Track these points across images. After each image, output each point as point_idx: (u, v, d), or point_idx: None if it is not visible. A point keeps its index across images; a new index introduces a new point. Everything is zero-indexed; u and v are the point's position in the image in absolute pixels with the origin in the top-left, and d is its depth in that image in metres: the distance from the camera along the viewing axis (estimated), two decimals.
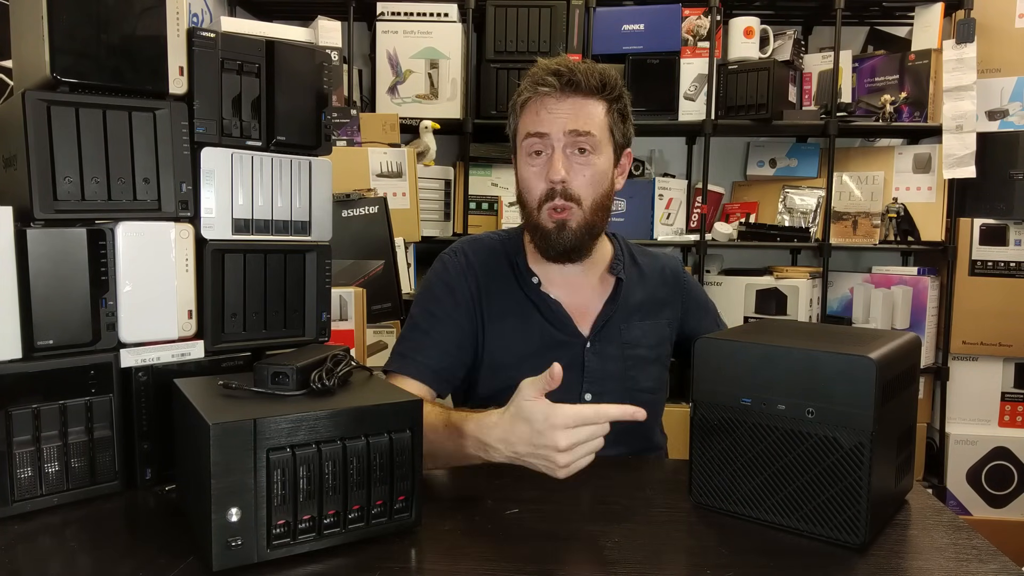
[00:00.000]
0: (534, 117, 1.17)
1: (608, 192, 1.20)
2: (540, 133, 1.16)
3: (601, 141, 1.17)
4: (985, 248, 2.40)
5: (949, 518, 0.91)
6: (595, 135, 1.15)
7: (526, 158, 1.19)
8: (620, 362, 1.22)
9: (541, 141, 1.16)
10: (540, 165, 1.17)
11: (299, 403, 0.79)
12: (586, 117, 1.15)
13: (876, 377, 0.78)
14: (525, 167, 1.20)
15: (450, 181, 2.53)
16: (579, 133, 1.14)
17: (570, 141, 1.15)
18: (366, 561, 0.76)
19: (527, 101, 1.19)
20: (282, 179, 1.02)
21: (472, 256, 1.26)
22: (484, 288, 1.23)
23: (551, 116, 1.15)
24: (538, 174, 1.17)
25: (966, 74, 2.33)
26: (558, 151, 1.15)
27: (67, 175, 0.86)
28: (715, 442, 0.89)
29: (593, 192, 1.17)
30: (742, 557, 0.79)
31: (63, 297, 0.87)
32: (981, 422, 2.46)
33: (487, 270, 1.25)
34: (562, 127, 1.14)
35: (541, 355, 1.16)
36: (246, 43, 0.97)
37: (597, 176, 1.17)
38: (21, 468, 0.85)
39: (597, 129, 1.16)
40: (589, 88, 1.15)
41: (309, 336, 1.06)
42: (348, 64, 2.40)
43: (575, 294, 1.24)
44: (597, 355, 1.21)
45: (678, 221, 2.58)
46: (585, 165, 1.16)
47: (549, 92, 1.15)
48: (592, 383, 1.20)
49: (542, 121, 1.16)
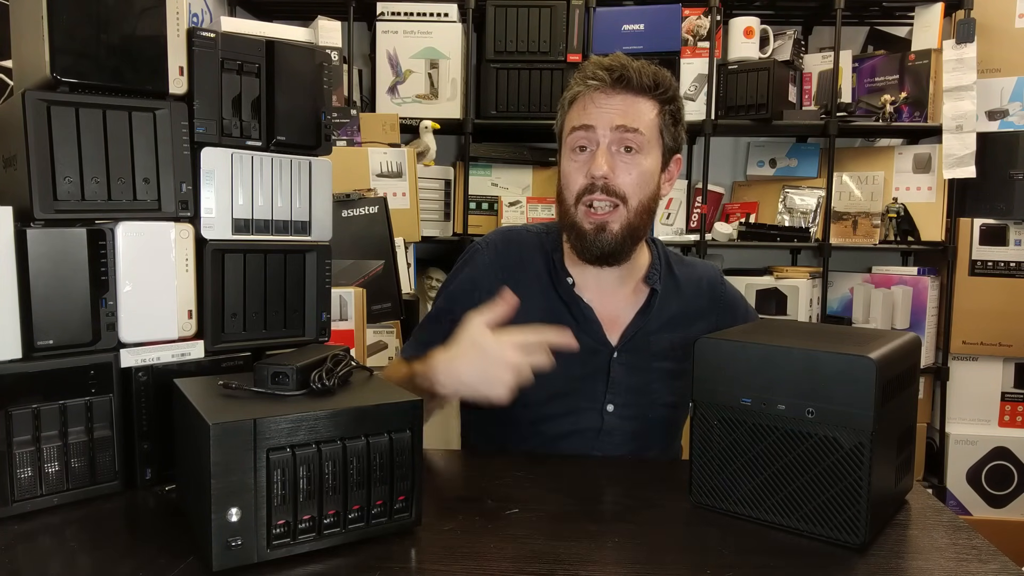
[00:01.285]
0: (581, 111, 1.13)
1: (654, 195, 1.15)
2: (586, 126, 1.11)
3: (650, 141, 1.12)
4: (985, 248, 2.40)
5: (949, 518, 0.91)
6: (644, 134, 1.11)
7: (570, 153, 1.15)
8: (645, 374, 1.19)
9: (587, 135, 1.12)
10: (583, 160, 1.13)
11: (299, 403, 0.79)
12: (635, 114, 1.11)
13: (876, 377, 0.78)
14: (568, 161, 1.15)
15: (450, 181, 2.53)
16: (627, 129, 1.10)
17: (616, 138, 1.10)
18: (366, 561, 0.76)
19: (576, 96, 1.15)
20: (282, 179, 1.02)
21: (503, 250, 1.23)
22: (513, 284, 1.15)
23: (599, 110, 1.11)
24: (579, 168, 1.13)
25: (966, 74, 2.33)
26: (603, 146, 1.11)
27: (67, 175, 0.86)
28: (715, 442, 0.89)
29: (639, 192, 1.12)
30: (742, 557, 0.79)
31: (63, 297, 0.87)
32: (981, 422, 2.46)
33: (520, 265, 1.21)
34: (609, 122, 1.10)
35: (567, 358, 1.06)
36: (246, 43, 0.97)
37: (644, 176, 1.12)
38: (21, 468, 0.85)
39: (646, 128, 1.11)
40: (641, 86, 1.11)
41: (309, 336, 1.06)
42: (348, 64, 2.40)
43: (608, 301, 1.20)
44: (623, 366, 1.18)
45: (678, 221, 2.58)
46: (631, 164, 1.11)
47: (599, 86, 1.11)
48: (615, 394, 1.18)
49: (589, 115, 1.11)
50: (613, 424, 1.18)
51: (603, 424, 1.18)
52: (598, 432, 1.18)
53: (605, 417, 1.18)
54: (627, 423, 1.18)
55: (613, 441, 1.18)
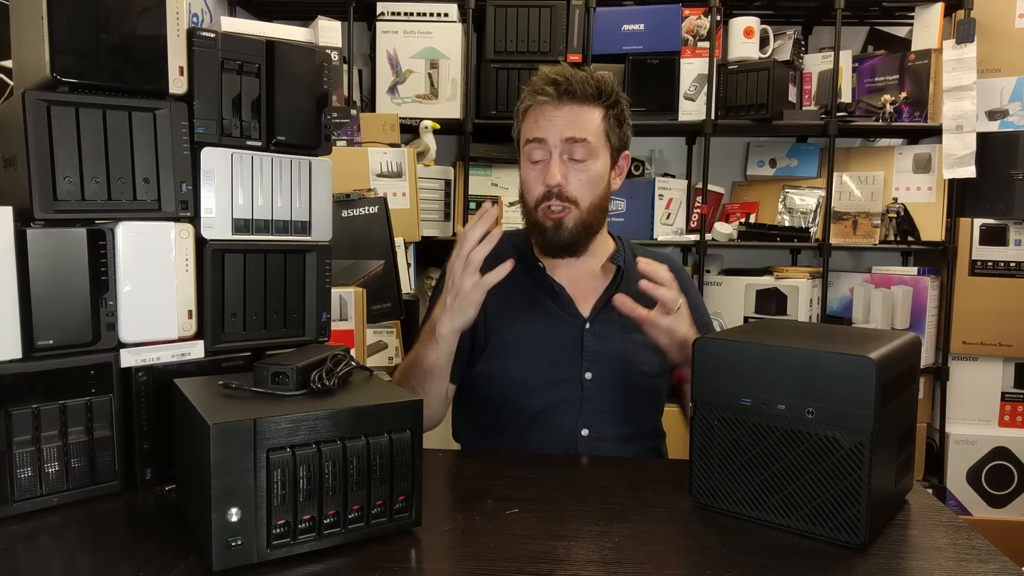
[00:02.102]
0: (533, 124, 1.25)
1: (604, 194, 1.27)
2: (539, 139, 1.23)
3: (597, 147, 1.23)
4: (985, 248, 2.40)
5: (949, 518, 0.91)
6: (591, 141, 1.22)
7: (527, 163, 1.27)
8: (619, 344, 1.26)
9: (540, 147, 1.24)
10: (539, 169, 1.24)
11: (299, 403, 0.79)
12: (582, 124, 1.22)
13: (876, 377, 0.78)
14: (526, 170, 1.27)
15: (450, 181, 2.53)
16: (575, 140, 1.21)
17: (566, 148, 1.22)
18: (366, 561, 0.76)
19: (528, 109, 1.27)
20: (282, 179, 1.02)
21: None
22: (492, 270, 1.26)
23: (548, 123, 1.22)
24: (537, 178, 1.25)
25: (966, 74, 2.33)
26: (555, 157, 1.22)
27: (67, 175, 0.86)
28: (715, 442, 0.89)
29: (590, 194, 1.24)
30: (742, 557, 0.79)
31: (63, 297, 0.87)
32: (981, 422, 2.46)
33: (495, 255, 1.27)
34: (559, 134, 1.21)
35: (545, 334, 1.25)
36: (246, 43, 0.97)
37: (593, 179, 1.24)
38: (21, 468, 0.85)
39: (592, 135, 1.22)
40: (585, 95, 1.22)
41: (309, 336, 1.06)
42: (348, 64, 2.40)
43: (578, 281, 1.31)
44: (596, 336, 1.26)
45: (678, 221, 2.58)
46: (581, 170, 1.23)
47: (547, 100, 1.23)
48: (591, 362, 1.25)
49: (540, 128, 1.23)
50: (593, 392, 1.24)
51: (583, 392, 1.24)
52: (580, 401, 1.24)
53: (584, 385, 1.24)
54: (606, 390, 1.25)
55: (596, 409, 1.24)
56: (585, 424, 1.23)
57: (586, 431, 1.23)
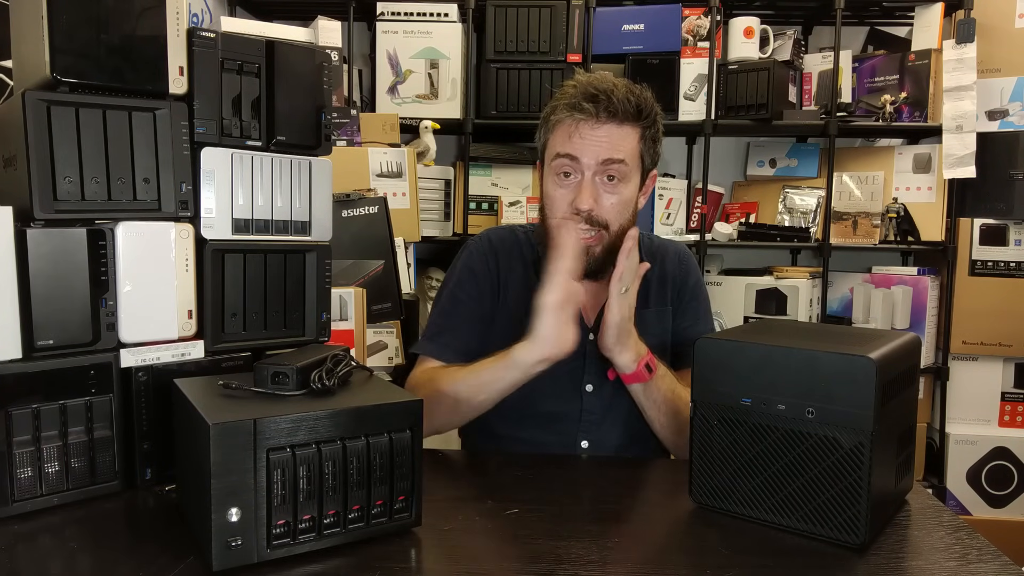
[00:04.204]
0: (566, 140, 1.15)
1: (633, 216, 1.20)
2: (572, 156, 1.15)
3: (631, 169, 1.16)
4: (985, 248, 2.40)
5: (949, 518, 0.91)
6: (627, 164, 1.15)
7: (554, 176, 1.18)
8: None
9: (572, 164, 1.15)
10: (568, 188, 1.16)
11: (299, 403, 0.79)
12: (620, 145, 1.14)
13: (876, 377, 0.78)
14: (553, 185, 1.19)
15: (450, 181, 2.53)
16: (612, 161, 1.14)
17: (600, 169, 1.14)
18: (366, 561, 0.76)
19: (561, 121, 1.17)
20: (282, 179, 1.02)
21: (495, 241, 1.30)
22: (504, 270, 1.26)
23: (584, 143, 1.14)
24: (564, 196, 1.17)
25: (966, 74, 2.33)
26: (587, 178, 1.14)
27: (67, 175, 0.86)
28: (715, 442, 0.89)
29: (620, 217, 1.17)
30: (742, 557, 0.79)
31: (63, 297, 0.87)
32: (981, 422, 2.46)
33: (507, 255, 1.28)
34: (596, 155, 1.13)
35: None
36: (246, 43, 0.97)
37: (624, 203, 1.17)
38: (21, 468, 0.85)
39: (629, 157, 1.15)
40: (626, 114, 1.14)
41: (309, 336, 1.06)
42: (348, 64, 2.40)
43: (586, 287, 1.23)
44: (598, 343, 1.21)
45: (678, 221, 2.58)
46: (613, 193, 1.16)
47: (584, 118, 1.14)
48: (591, 374, 1.21)
49: (575, 146, 1.14)
50: (592, 403, 1.22)
51: (583, 404, 1.22)
52: (580, 412, 1.21)
53: (584, 397, 1.22)
54: (606, 401, 1.21)
55: (596, 420, 1.21)
56: (585, 436, 1.21)
57: (586, 443, 1.21)
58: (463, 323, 1.25)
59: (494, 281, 1.26)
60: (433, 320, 1.28)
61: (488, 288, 1.26)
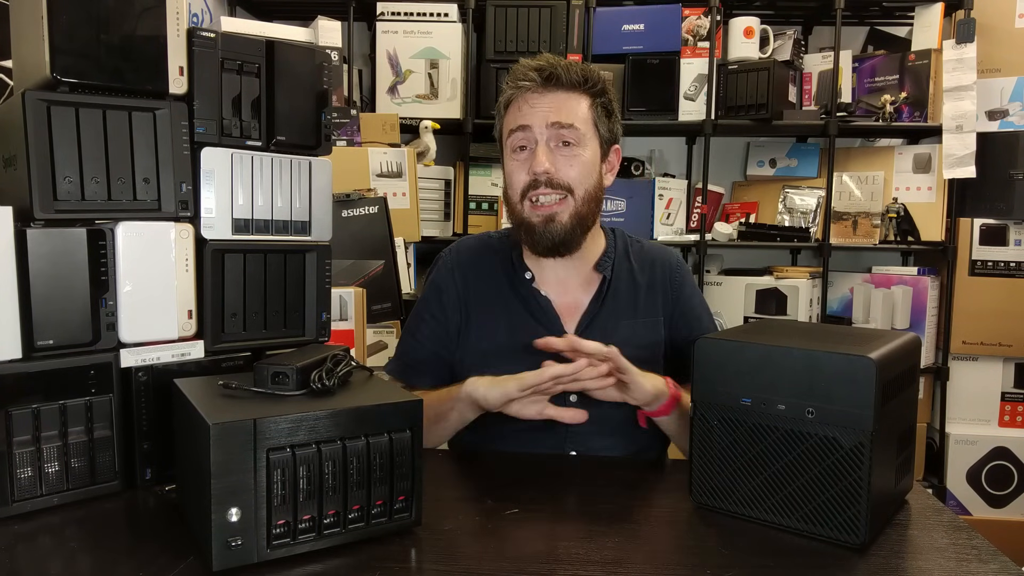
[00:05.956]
0: (516, 113, 1.17)
1: (598, 184, 1.19)
2: (523, 126, 1.16)
3: (586, 135, 1.16)
4: (985, 248, 2.40)
5: (949, 518, 0.91)
6: (579, 128, 1.15)
7: (511, 154, 1.19)
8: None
9: (524, 135, 1.16)
10: (524, 159, 1.17)
11: (299, 403, 0.79)
12: (569, 110, 1.15)
13: (876, 377, 0.78)
14: (510, 162, 1.19)
15: (450, 181, 2.53)
16: (562, 125, 1.14)
17: (553, 134, 1.14)
18: (366, 561, 0.76)
19: (510, 99, 1.19)
20: (282, 179, 1.02)
21: (464, 253, 1.29)
22: (472, 283, 1.25)
23: (532, 110, 1.15)
24: (521, 166, 1.17)
25: (966, 74, 2.33)
26: (541, 144, 1.15)
27: (67, 175, 0.86)
28: (715, 442, 0.89)
29: (584, 182, 1.16)
30: (742, 557, 0.79)
31: (63, 297, 0.87)
32: (981, 422, 2.46)
33: (477, 266, 1.26)
34: (544, 119, 1.14)
35: (527, 351, 1.11)
36: (246, 43, 0.97)
37: (586, 167, 1.16)
38: (21, 468, 0.85)
39: (581, 122, 1.15)
40: (571, 82, 1.15)
41: (309, 336, 1.06)
42: (348, 64, 2.40)
43: (566, 292, 1.23)
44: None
45: (678, 221, 2.58)
46: (571, 156, 1.15)
47: (530, 87, 1.16)
48: None
49: (524, 115, 1.16)
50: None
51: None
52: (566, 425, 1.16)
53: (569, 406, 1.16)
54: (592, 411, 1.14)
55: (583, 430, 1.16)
56: (572, 445, 1.18)
57: (574, 452, 1.19)
58: (424, 343, 1.25)
59: (460, 294, 1.24)
60: (402, 339, 1.30)
61: (453, 302, 1.24)
